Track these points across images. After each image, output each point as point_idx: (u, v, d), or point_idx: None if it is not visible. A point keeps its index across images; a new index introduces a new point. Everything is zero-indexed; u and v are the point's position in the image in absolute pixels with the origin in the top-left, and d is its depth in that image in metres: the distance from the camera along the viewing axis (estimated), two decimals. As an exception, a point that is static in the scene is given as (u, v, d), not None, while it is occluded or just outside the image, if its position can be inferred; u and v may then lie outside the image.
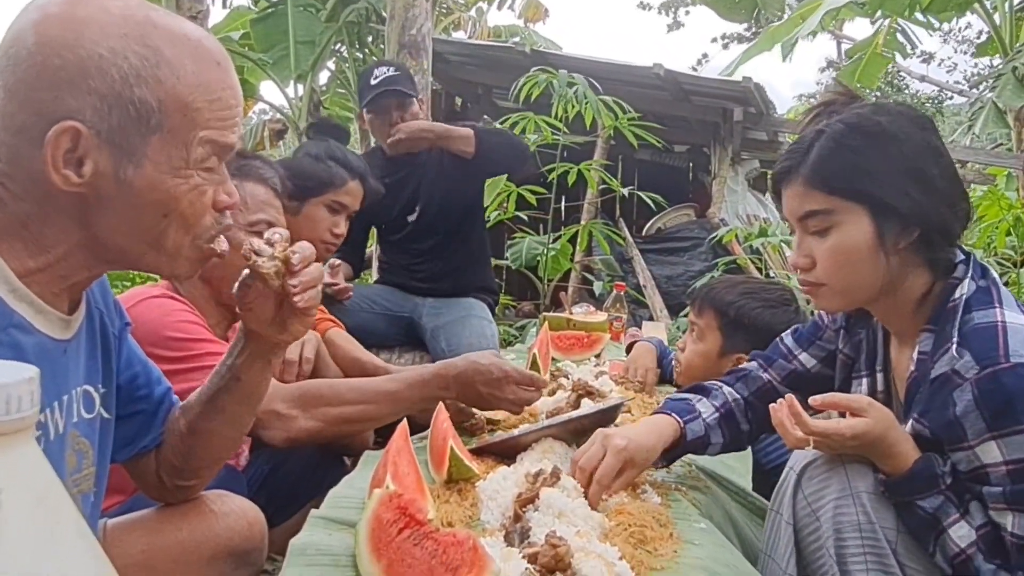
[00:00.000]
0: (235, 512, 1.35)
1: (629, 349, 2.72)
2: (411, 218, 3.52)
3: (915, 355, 1.44)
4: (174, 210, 1.04)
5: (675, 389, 2.54)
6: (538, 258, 5.58)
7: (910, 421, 1.41)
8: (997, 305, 1.37)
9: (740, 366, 1.84)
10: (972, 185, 8.10)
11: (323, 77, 8.57)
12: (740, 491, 1.77)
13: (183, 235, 1.07)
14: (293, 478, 2.06)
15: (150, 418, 1.31)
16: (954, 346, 1.35)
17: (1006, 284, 4.03)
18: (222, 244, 1.13)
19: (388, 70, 3.47)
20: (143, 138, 1.00)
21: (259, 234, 1.83)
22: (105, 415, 1.16)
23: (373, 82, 3.40)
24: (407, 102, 3.41)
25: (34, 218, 1.00)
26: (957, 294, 1.40)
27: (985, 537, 1.32)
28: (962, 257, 1.46)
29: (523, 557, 1.16)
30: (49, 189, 0.97)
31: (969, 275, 1.42)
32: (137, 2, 1.01)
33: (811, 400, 1.40)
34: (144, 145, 1.00)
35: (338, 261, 3.14)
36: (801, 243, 1.47)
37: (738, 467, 1.99)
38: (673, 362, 2.52)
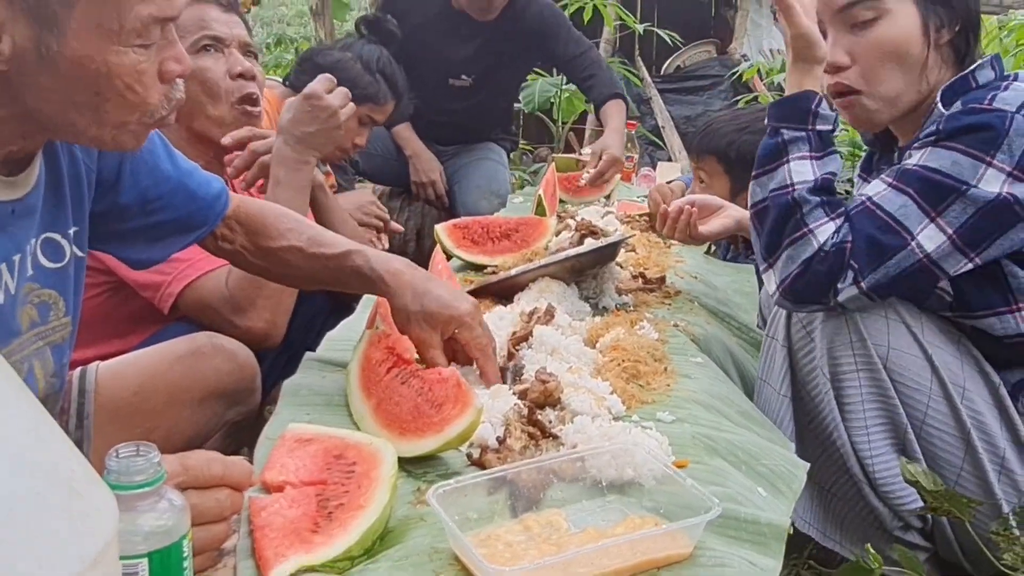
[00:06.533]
0: (225, 353, 1.35)
1: None
2: (456, 83, 3.37)
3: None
4: (108, 88, 0.93)
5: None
6: (551, 100, 5.41)
7: None
8: (1012, 80, 1.35)
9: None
10: (1010, 11, 7.68)
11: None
12: (743, 326, 1.76)
13: (127, 113, 0.96)
14: (303, 328, 2.07)
15: (184, 220, 1.27)
16: (939, 105, 1.36)
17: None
18: (171, 118, 1.03)
19: None
20: (66, 5, 0.88)
21: (207, 49, 1.71)
22: (79, 254, 1.13)
23: None
24: None
25: None
26: (970, 79, 1.38)
27: (821, 181, 1.34)
28: (989, 59, 1.42)
29: (513, 393, 1.16)
30: None
31: (990, 65, 1.40)
32: None
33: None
34: (68, 13, 0.88)
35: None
36: (839, 40, 1.41)
37: (744, 303, 1.98)
38: None
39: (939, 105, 1.36)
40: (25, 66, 0.90)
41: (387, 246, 2.26)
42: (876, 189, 1.33)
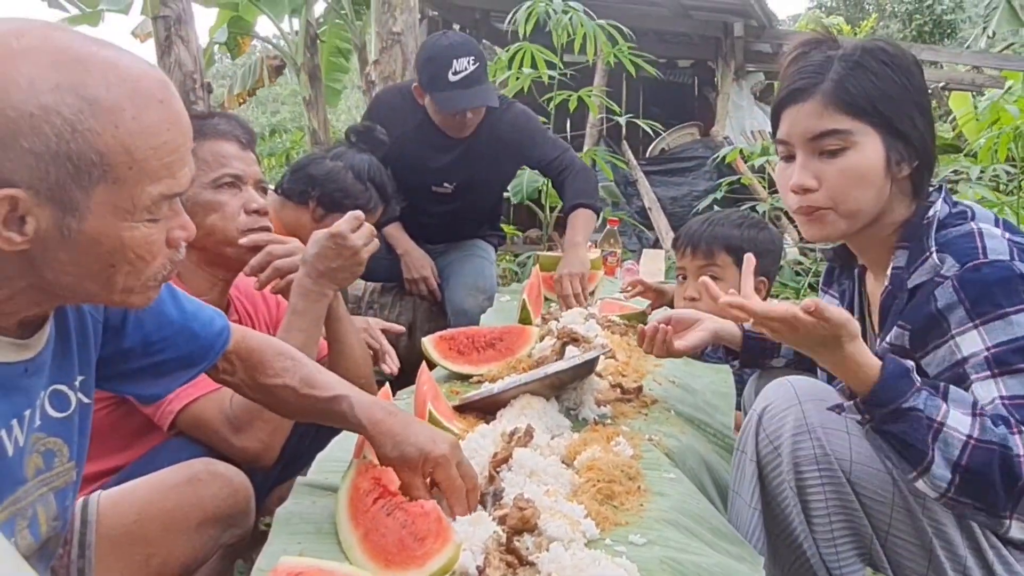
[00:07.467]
0: (221, 479, 1.42)
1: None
2: (439, 190, 3.47)
3: (889, 271, 1.49)
4: (122, 260, 1.02)
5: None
6: (539, 189, 5.57)
7: (891, 330, 1.46)
8: (971, 220, 1.44)
9: None
10: (984, 89, 7.94)
11: (318, 8, 8.45)
12: (718, 433, 1.83)
13: (134, 279, 1.06)
14: (295, 439, 2.13)
15: (186, 357, 1.35)
16: (934, 254, 1.40)
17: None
18: (171, 275, 1.13)
19: (469, 63, 3.11)
20: (85, 191, 0.97)
21: (226, 186, 1.82)
22: (85, 401, 1.21)
23: (452, 78, 3.10)
24: None
25: None
26: (931, 212, 1.46)
27: (993, 413, 1.28)
28: (935, 187, 1.52)
29: (493, 520, 1.23)
30: None
31: (942, 199, 1.48)
32: (68, 41, 0.97)
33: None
34: (87, 198, 0.97)
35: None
36: (807, 164, 1.46)
37: (721, 405, 2.05)
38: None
39: (934, 255, 1.39)
40: (47, 243, 0.98)
41: (398, 366, 2.32)
42: (990, 392, 1.31)
